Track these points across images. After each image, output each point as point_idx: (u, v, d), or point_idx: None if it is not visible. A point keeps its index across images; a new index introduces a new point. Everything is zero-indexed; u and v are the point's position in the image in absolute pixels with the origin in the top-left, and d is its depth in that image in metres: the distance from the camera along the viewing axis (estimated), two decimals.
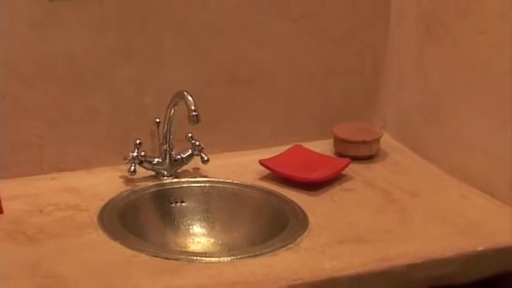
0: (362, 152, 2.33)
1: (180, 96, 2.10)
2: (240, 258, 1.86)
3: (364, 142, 2.33)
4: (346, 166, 2.24)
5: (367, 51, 2.45)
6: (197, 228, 2.11)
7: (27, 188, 2.09)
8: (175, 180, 2.18)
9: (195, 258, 1.87)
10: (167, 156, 2.18)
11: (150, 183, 2.15)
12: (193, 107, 2.04)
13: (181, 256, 1.87)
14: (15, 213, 1.98)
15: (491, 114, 2.13)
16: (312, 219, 2.01)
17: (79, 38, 2.13)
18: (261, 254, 1.86)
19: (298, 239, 1.93)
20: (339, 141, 2.35)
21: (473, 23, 2.15)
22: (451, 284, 1.91)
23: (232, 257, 1.87)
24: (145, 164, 2.16)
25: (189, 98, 2.06)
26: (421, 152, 2.37)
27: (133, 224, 2.00)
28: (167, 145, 2.17)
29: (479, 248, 1.92)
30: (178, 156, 2.19)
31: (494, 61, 2.10)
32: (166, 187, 2.15)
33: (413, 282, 1.88)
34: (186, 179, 2.18)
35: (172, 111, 2.14)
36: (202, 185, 2.18)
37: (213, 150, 2.22)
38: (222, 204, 2.15)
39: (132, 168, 2.13)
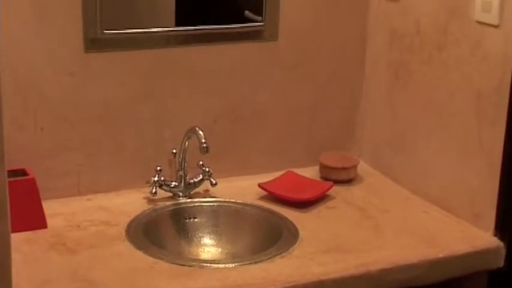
0: (342, 177, 2.31)
1: (192, 131, 2.10)
2: (243, 264, 1.86)
3: (344, 168, 2.32)
4: (329, 188, 2.23)
5: (346, 93, 2.43)
6: (207, 240, 2.10)
7: (67, 207, 2.08)
8: (189, 200, 2.16)
9: (205, 264, 1.88)
10: (182, 181, 2.17)
11: (168, 203, 2.14)
12: (203, 140, 2.05)
13: (194, 263, 1.87)
14: (57, 228, 1.98)
15: (447, 145, 2.13)
16: (302, 232, 2.01)
17: (110, 85, 2.12)
18: (260, 261, 1.87)
19: (291, 249, 1.93)
20: (323, 168, 2.33)
21: (432, 71, 2.15)
22: (417, 286, 1.91)
23: (236, 264, 1.87)
24: (164, 187, 2.15)
25: (200, 132, 2.06)
26: (390, 176, 2.35)
27: (155, 236, 1.99)
28: (182, 171, 2.16)
29: (440, 255, 1.93)
30: (192, 181, 2.18)
31: (448, 102, 2.11)
32: (182, 206, 2.14)
33: (386, 284, 1.88)
34: (198, 199, 2.17)
35: (186, 143, 2.14)
36: (211, 204, 2.17)
37: (220, 175, 2.21)
38: (227, 220, 2.14)
39: (154, 190, 2.13)
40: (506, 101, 1.92)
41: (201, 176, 2.20)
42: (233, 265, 1.87)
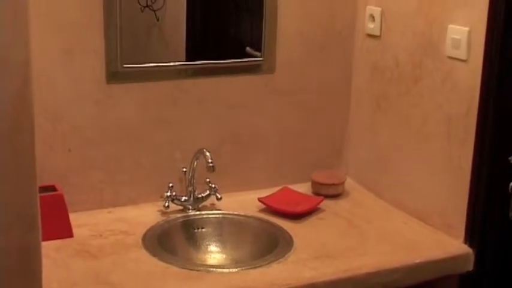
0: (331, 192, 2.31)
1: (200, 152, 2.10)
2: (244, 269, 1.86)
3: (333, 185, 2.32)
4: (320, 202, 2.23)
5: (335, 119, 2.43)
6: (213, 247, 2.09)
7: (91, 219, 2.08)
8: (197, 212, 2.16)
9: (211, 269, 1.88)
10: (191, 195, 2.17)
11: (179, 215, 2.14)
12: (210, 160, 2.05)
13: (201, 268, 1.88)
14: (82, 237, 1.98)
15: (423, 164, 2.13)
16: (296, 241, 2.01)
17: (129, 112, 2.13)
18: (260, 266, 1.87)
19: (286, 255, 1.93)
20: (315, 184, 2.33)
21: (409, 100, 2.16)
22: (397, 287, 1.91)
23: (238, 268, 1.87)
24: (175, 201, 2.15)
25: (207, 153, 2.07)
26: (373, 191, 2.35)
27: (167, 244, 1.99)
28: (191, 187, 2.16)
29: (417, 261, 1.93)
30: (200, 195, 2.18)
31: (423, 126, 2.11)
32: (191, 218, 2.14)
33: (370, 286, 1.88)
34: (205, 212, 2.17)
35: (195, 163, 2.14)
36: (217, 216, 2.16)
37: (225, 191, 2.20)
38: (231, 230, 2.13)
39: (166, 204, 2.13)
40: (473, 124, 1.93)
41: (208, 192, 2.19)
42: (236, 270, 1.87)
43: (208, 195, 2.19)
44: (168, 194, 2.14)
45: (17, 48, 1.25)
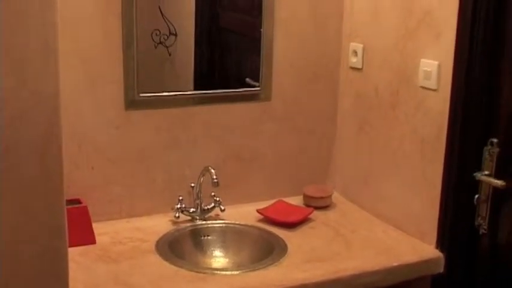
0: (320, 204, 2.30)
1: (206, 169, 2.10)
2: (245, 271, 1.86)
3: (321, 197, 2.31)
4: (310, 213, 2.22)
5: (323, 141, 2.42)
6: (218, 253, 2.09)
7: (111, 228, 2.08)
8: (204, 222, 2.15)
9: (216, 272, 1.87)
10: (199, 207, 2.16)
11: (188, 224, 2.13)
12: (215, 177, 2.05)
13: (207, 271, 1.87)
14: (103, 243, 1.98)
15: (400, 179, 2.12)
16: (289, 247, 2.00)
17: (144, 135, 2.13)
18: (258, 269, 1.86)
19: (281, 259, 1.92)
20: (306, 197, 2.32)
21: (387, 123, 2.16)
22: (378, 287, 1.90)
23: (239, 271, 1.87)
24: (185, 212, 2.14)
25: (212, 171, 2.06)
26: (357, 203, 2.34)
27: (177, 250, 1.98)
28: (199, 200, 2.16)
29: (395, 264, 1.93)
30: (206, 207, 2.17)
31: (400, 147, 2.11)
32: (198, 227, 2.13)
33: (354, 286, 1.87)
34: (210, 222, 2.16)
35: (201, 179, 2.14)
36: (221, 225, 2.16)
37: (228, 203, 2.20)
38: (233, 237, 2.12)
39: (177, 215, 2.12)
40: (443, 145, 1.93)
41: (213, 204, 2.18)
42: (237, 272, 1.87)
43: (213, 207, 2.19)
44: (178, 206, 2.13)
45: (48, 82, 1.26)
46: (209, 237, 2.12)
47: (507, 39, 1.79)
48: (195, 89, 2.20)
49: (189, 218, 2.16)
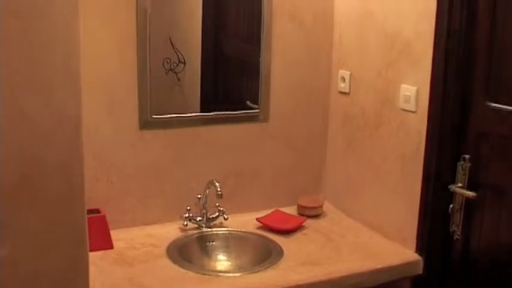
0: (313, 213, 2.29)
1: (211, 183, 2.09)
2: (246, 274, 1.85)
3: (314, 207, 2.30)
4: (304, 221, 2.21)
5: (315, 157, 2.42)
6: (221, 257, 2.08)
7: (126, 234, 2.07)
8: (209, 229, 2.14)
9: (220, 274, 1.87)
10: (204, 216, 2.15)
11: (195, 232, 2.12)
12: (219, 189, 2.04)
13: (212, 273, 1.87)
14: (119, 248, 1.97)
15: (383, 191, 2.12)
16: (285, 251, 2.00)
17: (156, 151, 2.12)
18: (258, 271, 1.86)
19: (278, 263, 1.92)
20: (300, 207, 2.31)
21: (372, 141, 2.15)
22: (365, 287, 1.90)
23: (241, 273, 1.86)
24: (192, 221, 2.13)
25: (216, 183, 2.05)
26: (346, 212, 2.33)
27: (186, 254, 1.98)
28: (204, 210, 2.15)
29: (379, 266, 1.93)
30: (211, 216, 2.16)
31: (383, 162, 2.11)
32: (204, 234, 2.12)
33: (344, 287, 1.86)
34: (215, 229, 2.15)
35: (207, 191, 2.13)
36: (225, 232, 2.15)
37: (230, 213, 2.19)
38: (235, 243, 2.11)
39: (185, 223, 2.12)
40: (421, 161, 1.94)
41: (217, 213, 2.18)
42: (239, 274, 1.86)
43: (218, 216, 2.18)
44: (186, 215, 2.13)
45: (71, 106, 1.27)
46: (214, 243, 2.11)
47: (477, 66, 1.80)
48: (201, 111, 2.20)
49: (196, 225, 2.15)
